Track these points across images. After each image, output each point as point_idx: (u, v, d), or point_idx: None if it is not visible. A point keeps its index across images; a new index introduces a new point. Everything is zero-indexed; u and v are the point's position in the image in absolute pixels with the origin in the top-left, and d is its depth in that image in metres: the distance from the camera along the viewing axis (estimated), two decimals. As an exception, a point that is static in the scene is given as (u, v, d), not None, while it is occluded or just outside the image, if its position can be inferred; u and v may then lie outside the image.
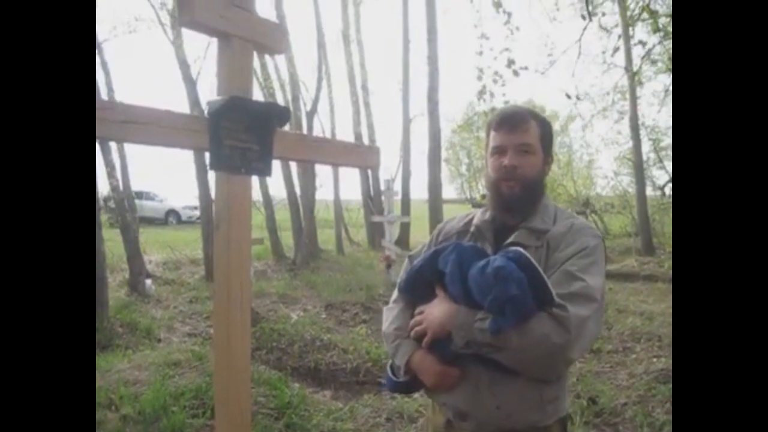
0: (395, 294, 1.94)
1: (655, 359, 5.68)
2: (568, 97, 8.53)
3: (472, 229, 1.84)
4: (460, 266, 1.62)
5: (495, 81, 7.12)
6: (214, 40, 1.66)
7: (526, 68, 7.21)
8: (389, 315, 1.89)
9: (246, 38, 1.64)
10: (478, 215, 1.86)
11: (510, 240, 1.70)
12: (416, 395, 4.75)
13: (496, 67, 7.21)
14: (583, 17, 8.01)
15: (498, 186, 1.76)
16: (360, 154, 2.16)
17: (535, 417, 1.63)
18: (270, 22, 1.76)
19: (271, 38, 1.74)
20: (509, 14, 7.33)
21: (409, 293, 1.85)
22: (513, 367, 1.55)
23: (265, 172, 1.72)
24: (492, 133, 1.79)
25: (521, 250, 1.54)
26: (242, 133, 1.63)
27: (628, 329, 6.77)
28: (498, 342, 1.50)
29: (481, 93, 7.22)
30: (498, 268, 1.48)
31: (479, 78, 7.14)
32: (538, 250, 1.65)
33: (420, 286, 1.79)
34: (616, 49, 10.53)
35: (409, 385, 1.80)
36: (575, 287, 1.53)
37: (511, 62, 7.04)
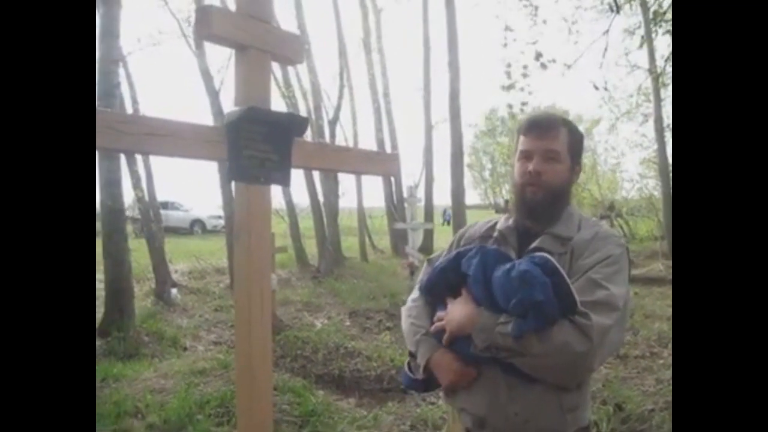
0: (415, 293, 1.93)
1: (683, 365, 5.58)
2: (596, 88, 8.40)
3: (495, 234, 1.82)
4: (484, 269, 1.60)
5: (524, 75, 7.09)
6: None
7: (554, 61, 7.16)
8: (409, 312, 1.88)
9: (263, 49, 1.65)
10: (502, 221, 1.85)
11: (534, 245, 1.68)
12: (440, 402, 4.73)
13: (524, 60, 7.19)
14: (611, 9, 7.94)
15: (522, 191, 1.74)
16: (379, 162, 2.17)
17: (553, 425, 1.60)
18: (287, 33, 1.78)
19: (288, 48, 1.75)
20: (536, 7, 7.31)
21: (430, 294, 1.85)
22: (532, 374, 1.53)
23: (283, 181, 1.73)
24: (521, 137, 1.77)
25: (547, 255, 1.53)
26: (260, 143, 1.64)
27: (654, 334, 6.66)
28: (519, 347, 1.49)
29: (510, 87, 7.18)
30: (524, 272, 1.47)
31: (507, 74, 7.11)
32: (561, 257, 1.62)
33: (441, 288, 1.78)
34: (642, 43, 10.40)
35: (425, 383, 1.80)
36: (599, 295, 1.51)
37: (539, 55, 7.00)
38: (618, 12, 7.71)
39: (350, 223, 19.30)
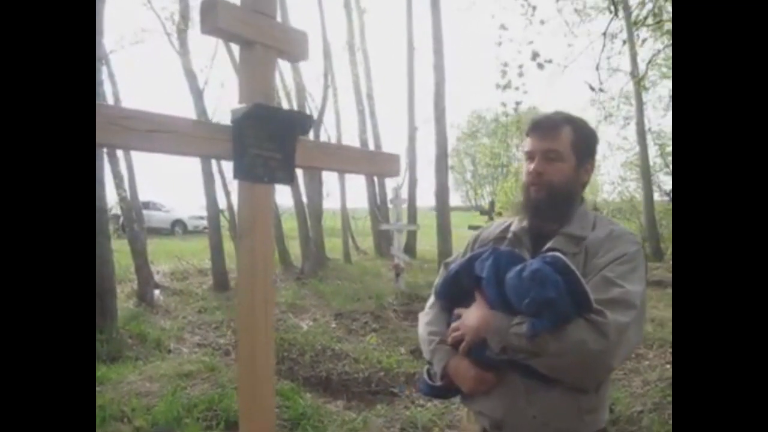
0: (431, 299, 1.94)
1: (668, 366, 5.61)
2: (591, 88, 8.38)
3: (509, 235, 1.82)
4: (497, 270, 1.60)
5: (520, 74, 7.10)
6: (220, 50, 1.64)
7: (550, 61, 7.17)
8: (425, 319, 1.89)
9: (269, 45, 1.61)
10: (516, 222, 1.85)
11: (548, 246, 1.67)
12: (429, 405, 4.72)
13: (521, 60, 7.20)
14: (610, 11, 7.97)
15: (527, 191, 1.76)
16: (380, 162, 2.14)
17: (572, 427, 1.60)
18: (293, 29, 1.74)
19: (293, 45, 1.71)
20: (534, 7, 7.32)
21: (445, 298, 1.85)
22: (549, 374, 1.52)
23: (287, 180, 1.70)
24: (526, 139, 1.79)
25: (558, 254, 1.53)
26: (265, 141, 1.60)
27: (640, 336, 6.72)
28: (534, 347, 1.48)
29: (506, 86, 7.19)
30: (535, 271, 1.47)
31: (503, 72, 7.11)
32: (576, 257, 1.62)
33: (456, 291, 1.79)
34: (619, 51, 10.52)
35: (445, 390, 1.80)
36: (614, 293, 1.50)
37: (535, 54, 7.00)
38: (617, 14, 7.72)
39: (334, 224, 19.24)
